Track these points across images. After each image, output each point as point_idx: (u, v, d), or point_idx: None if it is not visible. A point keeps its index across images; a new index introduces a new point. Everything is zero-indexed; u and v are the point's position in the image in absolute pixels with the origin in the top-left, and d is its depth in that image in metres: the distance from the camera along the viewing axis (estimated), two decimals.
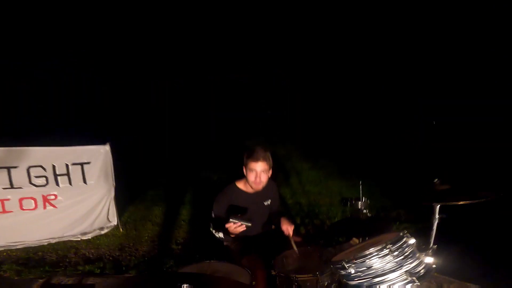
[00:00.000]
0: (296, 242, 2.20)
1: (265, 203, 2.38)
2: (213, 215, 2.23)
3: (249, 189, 2.28)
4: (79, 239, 3.86)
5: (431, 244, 1.67)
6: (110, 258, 3.36)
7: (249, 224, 1.96)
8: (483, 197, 1.53)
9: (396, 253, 1.39)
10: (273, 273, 1.88)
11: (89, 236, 3.91)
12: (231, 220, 1.93)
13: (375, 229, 2.07)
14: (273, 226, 2.45)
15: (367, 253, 1.39)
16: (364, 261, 1.40)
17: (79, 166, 3.94)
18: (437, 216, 1.72)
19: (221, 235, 2.15)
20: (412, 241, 1.43)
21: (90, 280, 2.84)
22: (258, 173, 2.14)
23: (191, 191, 5.87)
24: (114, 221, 4.19)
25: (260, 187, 2.21)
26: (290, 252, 2.03)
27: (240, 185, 2.31)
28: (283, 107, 12.08)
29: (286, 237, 2.18)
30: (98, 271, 3.05)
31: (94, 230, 4.05)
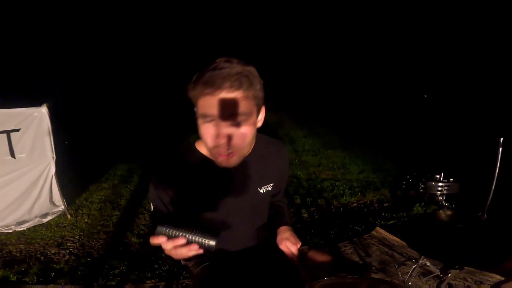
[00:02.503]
0: (321, 264, 1.11)
1: (261, 190, 1.07)
2: (152, 207, 1.07)
3: None
4: (11, 230, 2.83)
5: None
6: (41, 258, 2.34)
7: (211, 245, 0.76)
8: None
9: None
10: None
11: (24, 227, 2.88)
12: (159, 229, 0.77)
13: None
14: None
15: None
16: None
17: (4, 135, 2.87)
18: None
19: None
20: None
21: None
22: (221, 123, 0.84)
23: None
24: (61, 205, 3.16)
25: (231, 160, 0.91)
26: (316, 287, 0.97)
27: (203, 148, 0.99)
28: (272, 72, 10.84)
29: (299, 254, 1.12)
30: (14, 278, 2.05)
31: (34, 218, 3.02)
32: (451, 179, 1.21)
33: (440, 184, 1.24)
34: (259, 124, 0.95)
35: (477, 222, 1.02)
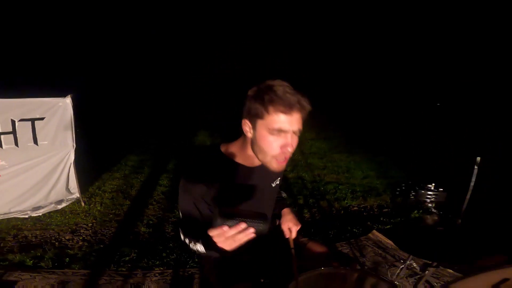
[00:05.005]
0: (318, 254, 1.32)
1: (273, 184, 1.28)
2: (180, 214, 1.17)
3: (248, 161, 1.16)
4: (27, 215, 3.02)
5: None
6: (56, 243, 2.53)
7: (263, 226, 0.85)
8: None
9: None
10: None
11: (40, 213, 3.07)
12: (220, 221, 0.84)
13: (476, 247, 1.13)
14: (277, 221, 1.43)
15: None
16: None
17: (29, 123, 3.05)
18: None
19: (200, 247, 1.02)
20: None
21: (14, 276, 2.03)
22: (291, 136, 1.03)
23: (181, 158, 5.01)
24: (76, 192, 3.35)
25: (284, 166, 1.09)
26: (312, 275, 1.10)
27: (231, 153, 1.16)
28: (284, 72, 10.90)
29: (299, 245, 1.28)
30: (30, 262, 2.22)
31: (50, 204, 3.21)
32: (441, 189, 1.32)
33: (429, 192, 1.35)
34: None
35: (453, 226, 1.14)
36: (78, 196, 3.35)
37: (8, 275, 1.99)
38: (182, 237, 1.11)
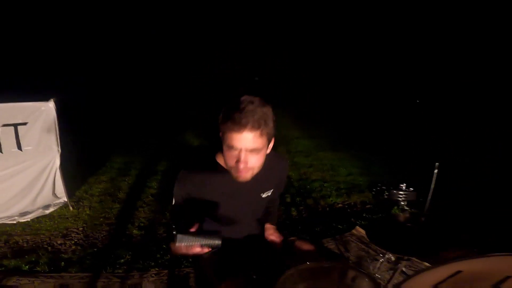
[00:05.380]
0: (305, 252, 1.45)
1: (263, 195, 1.36)
2: (173, 201, 1.34)
3: None
4: (15, 221, 3.01)
5: None
6: (49, 248, 2.55)
7: (217, 242, 1.02)
8: None
9: None
10: None
11: (28, 218, 3.06)
12: (179, 238, 0.99)
13: (438, 242, 1.31)
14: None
15: None
16: None
17: (12, 128, 3.03)
18: None
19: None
20: None
21: (13, 281, 2.07)
22: (243, 153, 1.11)
23: (167, 158, 5.05)
24: (63, 197, 3.35)
25: (246, 176, 1.18)
26: (299, 270, 1.25)
27: (222, 160, 1.26)
28: (272, 72, 11.07)
29: (288, 243, 1.43)
30: (26, 267, 2.25)
31: (37, 209, 3.21)
32: (411, 189, 1.51)
33: (400, 192, 1.54)
34: (269, 150, 1.23)
35: (418, 223, 1.34)
36: (66, 200, 3.35)
37: (7, 280, 2.02)
38: (171, 224, 1.33)
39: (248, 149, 1.11)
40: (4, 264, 2.28)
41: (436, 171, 1.40)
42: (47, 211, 3.21)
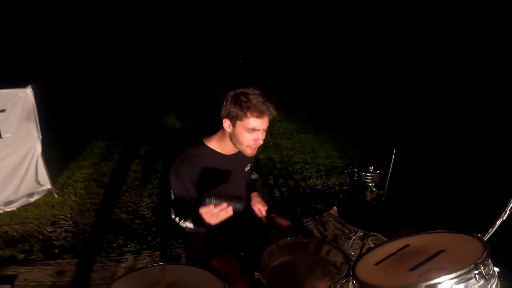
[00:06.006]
0: (284, 227, 1.69)
1: (246, 169, 1.66)
2: (172, 196, 1.48)
3: (226, 150, 1.51)
4: (1, 211, 3.05)
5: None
6: (40, 236, 2.65)
7: (239, 205, 1.19)
8: None
9: (484, 275, 0.84)
10: (258, 277, 1.35)
11: (14, 207, 3.11)
12: (208, 200, 1.15)
13: (398, 220, 1.56)
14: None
15: (442, 280, 0.82)
16: None
17: None
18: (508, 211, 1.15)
19: (189, 224, 1.40)
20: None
21: (11, 270, 2.18)
22: (261, 133, 1.40)
23: (150, 142, 5.09)
24: (47, 184, 3.40)
25: (255, 152, 1.48)
26: (280, 244, 1.48)
27: (212, 144, 1.50)
28: (254, 56, 11.05)
29: (269, 220, 1.65)
30: (22, 256, 2.36)
31: (21, 197, 3.24)
32: (377, 171, 1.76)
33: (368, 174, 1.79)
34: None
35: (381, 202, 1.61)
36: (49, 187, 3.40)
37: (5, 270, 2.13)
38: (173, 216, 1.47)
39: (265, 129, 1.43)
40: None
41: (393, 156, 1.64)
42: (32, 199, 3.25)
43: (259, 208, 1.65)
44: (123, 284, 1.26)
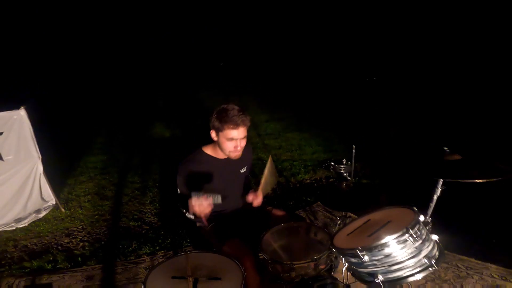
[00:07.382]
0: (279, 217, 2.13)
1: (241, 171, 2.10)
2: (178, 191, 1.98)
3: (220, 155, 1.99)
4: (14, 228, 3.34)
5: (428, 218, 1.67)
6: (59, 248, 2.99)
7: (218, 200, 1.63)
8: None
9: (416, 237, 1.27)
10: (262, 257, 1.79)
11: (25, 223, 3.41)
12: (193, 194, 1.59)
13: (366, 201, 2.07)
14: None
15: (386, 241, 1.26)
16: (382, 249, 1.27)
17: None
18: (439, 188, 1.63)
19: (190, 216, 1.82)
20: (422, 218, 1.34)
21: (45, 279, 2.52)
22: (239, 141, 1.86)
23: (142, 153, 5.42)
24: (52, 200, 3.70)
25: (239, 154, 1.93)
26: (276, 230, 1.93)
27: (208, 150, 2.01)
28: (237, 58, 11.46)
29: (266, 212, 2.10)
30: (49, 266, 2.70)
31: (30, 214, 3.54)
32: (349, 163, 2.25)
33: (341, 166, 2.28)
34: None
35: (349, 187, 2.14)
36: (54, 203, 3.70)
37: (39, 279, 2.46)
38: (180, 208, 1.93)
39: (242, 137, 1.87)
40: (26, 266, 2.71)
41: (354, 151, 2.16)
42: (40, 215, 3.55)
43: (252, 197, 2.05)
44: (157, 274, 1.67)
